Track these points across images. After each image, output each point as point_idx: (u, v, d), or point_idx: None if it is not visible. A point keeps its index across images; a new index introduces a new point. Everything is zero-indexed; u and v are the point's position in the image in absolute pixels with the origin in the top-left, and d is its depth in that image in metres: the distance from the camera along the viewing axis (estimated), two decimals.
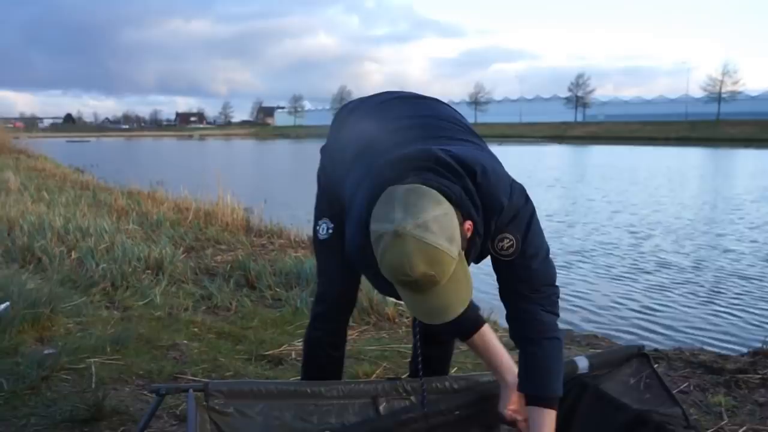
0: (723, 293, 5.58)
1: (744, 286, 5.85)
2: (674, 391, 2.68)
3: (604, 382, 1.84)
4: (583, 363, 1.79)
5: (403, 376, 1.84)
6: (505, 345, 1.76)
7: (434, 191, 1.29)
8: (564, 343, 1.59)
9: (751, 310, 5.08)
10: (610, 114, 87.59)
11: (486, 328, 1.70)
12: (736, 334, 4.46)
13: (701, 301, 5.32)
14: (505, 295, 1.59)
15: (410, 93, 1.84)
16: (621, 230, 8.97)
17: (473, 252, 1.42)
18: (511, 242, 1.49)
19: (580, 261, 6.87)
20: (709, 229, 9.15)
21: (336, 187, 1.74)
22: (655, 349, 3.44)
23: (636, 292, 5.63)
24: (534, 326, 1.53)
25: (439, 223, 1.26)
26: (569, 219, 10.04)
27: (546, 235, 1.55)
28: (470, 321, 1.66)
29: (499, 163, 1.55)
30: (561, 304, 1.59)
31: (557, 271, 1.57)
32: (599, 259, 7.00)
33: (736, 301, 5.31)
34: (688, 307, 5.15)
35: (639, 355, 1.87)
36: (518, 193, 1.50)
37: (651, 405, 1.77)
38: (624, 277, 6.19)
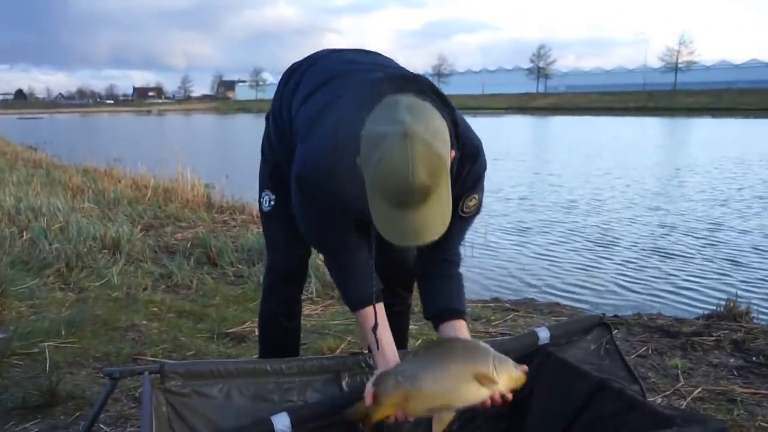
0: (679, 259, 5.72)
1: (700, 252, 6.01)
2: (632, 355, 2.77)
3: (567, 350, 1.86)
4: (544, 334, 1.80)
5: (366, 350, 1.81)
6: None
7: (435, 109, 1.27)
8: None
9: (708, 275, 5.22)
10: (571, 84, 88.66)
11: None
12: (693, 298, 4.58)
13: (658, 268, 5.44)
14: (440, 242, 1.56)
15: (356, 48, 1.79)
16: (573, 203, 8.99)
17: None
18: (475, 202, 1.54)
19: (534, 235, 6.91)
20: (661, 198, 9.30)
21: (279, 154, 1.73)
22: (615, 315, 3.52)
23: (596, 261, 5.72)
24: (453, 267, 1.63)
25: (443, 134, 1.23)
26: (523, 194, 10.03)
27: (504, 211, 1.58)
28: (369, 291, 1.57)
29: None
30: (523, 274, 1.60)
31: (517, 247, 1.60)
32: (553, 233, 7.02)
33: (692, 267, 5.46)
34: (645, 273, 5.26)
35: (600, 325, 1.88)
36: (483, 151, 1.52)
37: (610, 371, 1.80)
38: (582, 248, 6.25)
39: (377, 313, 1.56)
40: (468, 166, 1.46)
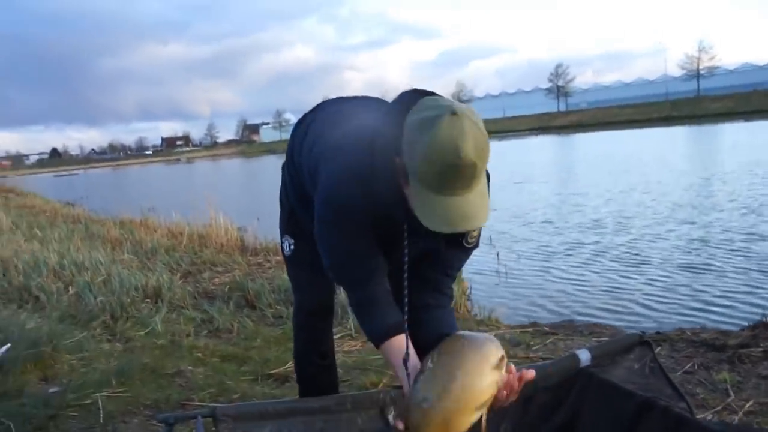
0: (716, 272, 5.59)
1: (736, 263, 5.87)
2: (678, 372, 2.72)
3: (610, 370, 1.86)
4: (584, 356, 1.81)
5: None
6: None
7: None
8: None
9: (746, 286, 5.10)
10: (592, 101, 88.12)
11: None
12: (734, 310, 4.48)
13: (695, 282, 5.32)
14: (439, 272, 1.64)
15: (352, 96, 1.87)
16: (600, 222, 8.82)
17: None
18: (478, 232, 1.60)
19: (565, 257, 6.83)
20: (690, 210, 9.05)
21: (293, 200, 1.82)
22: (657, 332, 3.47)
23: (631, 279, 5.63)
24: (449, 301, 1.69)
25: (483, 124, 1.29)
26: (549, 216, 9.88)
27: (532, 235, 1.59)
28: (392, 321, 1.55)
29: None
30: (558, 297, 1.61)
31: (549, 270, 1.60)
32: (584, 254, 6.91)
33: (730, 279, 5.33)
34: (683, 289, 5.15)
35: (641, 343, 1.88)
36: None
37: (656, 389, 1.79)
38: (615, 267, 6.14)
39: (406, 344, 1.52)
40: None
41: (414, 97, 1.38)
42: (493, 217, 1.65)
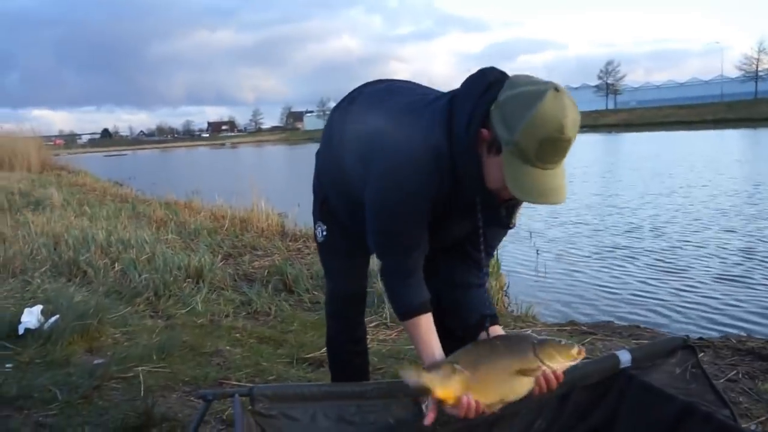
0: (764, 282, 5.38)
1: None
2: (722, 380, 2.64)
3: (650, 373, 1.82)
4: (625, 357, 1.76)
5: None
6: None
7: None
8: None
9: None
10: (642, 100, 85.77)
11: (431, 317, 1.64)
12: None
13: (741, 291, 5.13)
14: (482, 251, 1.67)
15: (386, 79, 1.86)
16: (642, 226, 8.55)
17: None
18: (517, 216, 1.63)
19: (606, 259, 6.66)
20: (738, 218, 8.67)
21: (326, 188, 1.84)
22: (700, 338, 3.38)
23: (675, 283, 5.48)
24: (486, 278, 1.77)
25: None
26: (589, 218, 9.66)
27: (571, 235, 1.57)
28: (424, 298, 1.61)
29: None
30: (597, 298, 1.59)
31: (581, 267, 1.59)
32: (624, 257, 6.71)
33: None
34: (729, 297, 4.97)
35: (684, 347, 1.83)
36: None
37: (698, 395, 1.74)
38: (656, 272, 5.97)
39: (429, 323, 1.61)
40: None
41: (493, 74, 1.42)
42: (529, 216, 1.66)
